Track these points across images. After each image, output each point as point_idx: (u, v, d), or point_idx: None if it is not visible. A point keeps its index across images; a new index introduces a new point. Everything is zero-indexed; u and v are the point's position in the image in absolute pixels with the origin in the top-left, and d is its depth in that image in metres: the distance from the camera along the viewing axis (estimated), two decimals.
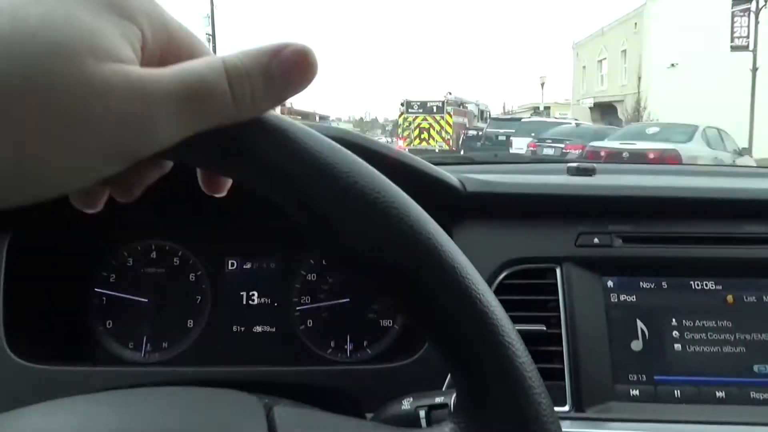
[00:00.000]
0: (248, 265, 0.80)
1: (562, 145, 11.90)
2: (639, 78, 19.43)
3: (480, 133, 21.30)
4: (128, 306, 0.78)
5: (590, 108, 25.40)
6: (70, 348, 0.75)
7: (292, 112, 47.31)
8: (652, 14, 20.74)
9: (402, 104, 23.32)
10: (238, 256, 0.80)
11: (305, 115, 51.30)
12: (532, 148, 12.58)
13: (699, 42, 19.44)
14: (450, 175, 0.75)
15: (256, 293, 0.80)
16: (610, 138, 10.25)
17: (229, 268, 0.80)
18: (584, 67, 28.87)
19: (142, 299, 0.79)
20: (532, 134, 14.85)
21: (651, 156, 8.18)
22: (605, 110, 24.37)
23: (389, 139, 59.57)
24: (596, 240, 0.73)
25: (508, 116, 25.91)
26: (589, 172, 0.94)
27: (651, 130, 9.22)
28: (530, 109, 39.05)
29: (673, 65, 20.42)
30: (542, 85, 29.61)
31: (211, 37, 32.07)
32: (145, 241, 0.80)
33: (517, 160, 1.74)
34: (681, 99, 18.97)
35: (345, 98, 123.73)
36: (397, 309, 0.43)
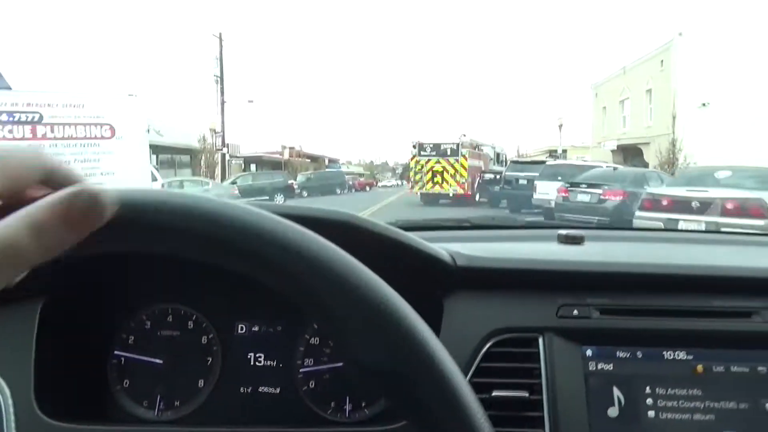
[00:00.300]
0: (256, 329, 0.84)
1: (600, 191, 10.32)
2: (674, 117, 17.96)
3: (498, 176, 19.89)
4: (144, 366, 0.82)
5: (612, 151, 23.90)
6: (92, 406, 0.80)
7: (300, 154, 46.94)
8: (679, 51, 19.47)
9: (414, 146, 21.98)
10: (247, 320, 0.84)
11: (314, 158, 50.91)
12: (563, 194, 11.00)
13: (735, 79, 18.05)
14: (441, 250, 0.80)
15: (263, 355, 0.83)
16: (668, 183, 8.63)
17: (239, 331, 0.84)
18: (604, 108, 27.57)
19: (157, 360, 0.83)
20: (559, 178, 13.41)
21: (730, 206, 6.56)
22: (629, 153, 22.82)
23: (399, 182, 59.04)
24: (576, 312, 0.78)
25: (530, 159, 24.36)
26: (578, 241, 1.01)
27: (721, 175, 7.60)
28: (546, 152, 37.70)
29: (704, 104, 18.98)
30: (560, 127, 28.32)
31: (219, 79, 31.69)
32: (163, 306, 0.84)
33: (512, 224, 1.63)
34: (716, 140, 17.46)
35: (355, 141, 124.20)
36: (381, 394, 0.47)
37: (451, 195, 21.07)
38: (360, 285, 0.38)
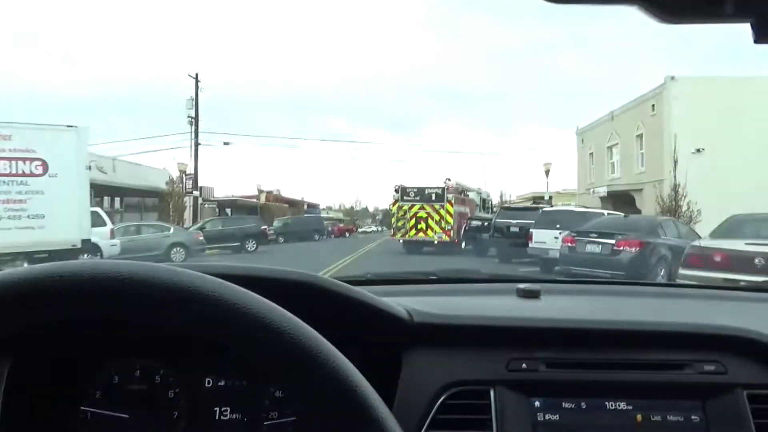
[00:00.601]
0: (222, 383, 0.84)
1: (612, 241, 8.99)
2: (675, 162, 16.96)
3: (485, 223, 18.61)
4: (110, 421, 0.82)
5: (601, 197, 22.88)
6: None
7: (278, 199, 45.44)
8: (672, 96, 18.77)
9: (396, 190, 20.64)
10: (214, 375, 0.84)
11: (293, 203, 49.39)
12: (569, 244, 9.64)
13: (731, 124, 17.28)
14: (399, 307, 0.85)
15: (228, 409, 0.83)
16: (715, 236, 7.24)
17: (206, 385, 0.84)
18: (591, 154, 26.82)
19: (123, 415, 0.82)
20: (558, 226, 12.13)
21: None
22: (620, 200, 21.76)
23: (379, 228, 57.94)
24: (524, 365, 0.82)
25: (522, 205, 23.12)
26: (535, 295, 1.07)
27: None
28: (530, 199, 36.85)
29: (698, 150, 18.13)
30: (547, 172, 27.36)
31: (193, 120, 30.44)
32: (131, 360, 0.84)
33: (476, 277, 1.52)
34: (713, 186, 16.50)
35: (335, 186, 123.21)
36: None
37: (435, 242, 19.73)
38: (317, 357, 0.46)
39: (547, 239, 12.24)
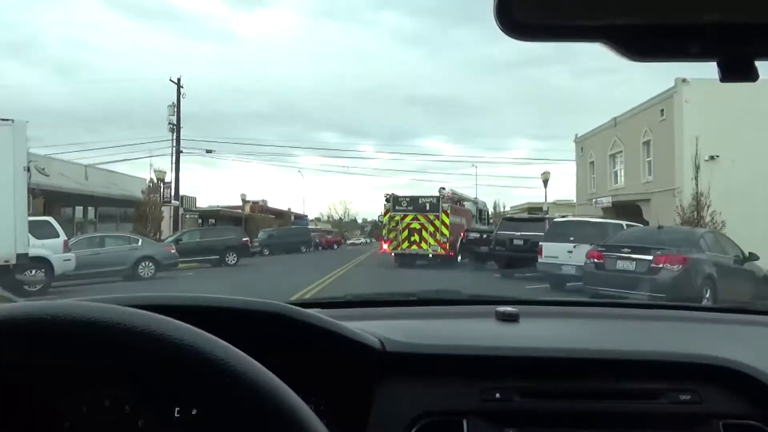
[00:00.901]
0: (195, 412, 0.85)
1: (650, 257, 7.59)
2: (697, 168, 15.65)
3: (485, 236, 17.23)
4: None
5: (604, 208, 21.58)
6: None
7: (264, 209, 43.90)
8: (683, 100, 17.57)
9: (387, 200, 19.18)
10: (183, 404, 0.86)
11: (279, 214, 47.88)
12: (595, 260, 8.22)
13: (747, 130, 16.11)
14: (371, 336, 0.85)
15: None
16: None
17: (176, 415, 0.84)
18: (592, 162, 25.60)
19: None
20: (571, 238, 10.78)
21: None
22: (624, 210, 20.43)
23: (368, 240, 56.49)
24: (498, 395, 0.82)
25: (526, 215, 21.69)
26: (513, 318, 1.07)
27: None
28: (525, 209, 35.64)
29: (712, 157, 16.91)
30: (545, 182, 26.12)
31: (175, 127, 28.94)
32: (100, 390, 0.83)
33: (456, 298, 1.45)
34: (729, 196, 15.27)
35: (324, 197, 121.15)
36: None
37: (430, 255, 18.30)
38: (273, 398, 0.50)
39: (559, 253, 10.91)
